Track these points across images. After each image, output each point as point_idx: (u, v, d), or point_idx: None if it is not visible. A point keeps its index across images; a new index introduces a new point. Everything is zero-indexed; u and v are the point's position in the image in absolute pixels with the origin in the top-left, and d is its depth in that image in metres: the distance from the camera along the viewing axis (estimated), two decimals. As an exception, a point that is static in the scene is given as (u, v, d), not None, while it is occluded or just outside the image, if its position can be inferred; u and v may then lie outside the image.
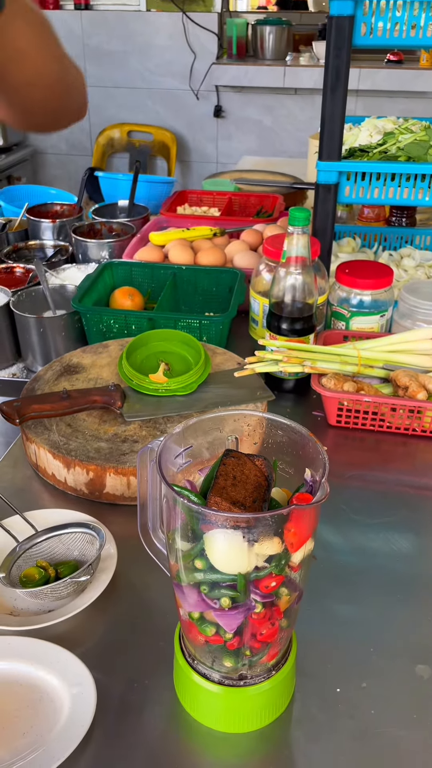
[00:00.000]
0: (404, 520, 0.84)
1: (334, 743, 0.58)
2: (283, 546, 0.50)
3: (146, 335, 1.01)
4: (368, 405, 0.94)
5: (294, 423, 0.57)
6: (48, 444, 0.86)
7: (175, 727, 0.60)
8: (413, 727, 0.59)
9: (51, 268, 1.32)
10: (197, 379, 0.95)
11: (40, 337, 1.13)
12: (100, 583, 0.70)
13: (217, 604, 0.52)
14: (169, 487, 0.50)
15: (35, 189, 1.84)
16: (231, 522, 0.49)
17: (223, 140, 3.35)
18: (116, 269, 1.25)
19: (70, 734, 0.56)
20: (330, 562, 0.77)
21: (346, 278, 1.07)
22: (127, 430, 0.89)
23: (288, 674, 0.59)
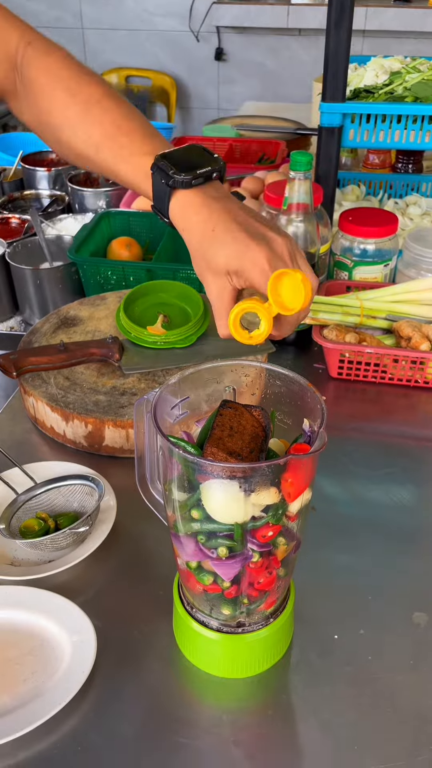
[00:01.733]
0: (405, 471, 0.84)
1: (331, 688, 0.59)
2: (280, 496, 0.50)
3: (144, 287, 0.99)
4: (370, 356, 0.93)
5: (293, 373, 0.55)
6: (46, 397, 0.85)
7: (174, 673, 0.61)
8: (409, 673, 0.60)
9: (47, 218, 1.29)
10: (196, 331, 0.93)
11: (36, 289, 1.12)
12: (99, 533, 0.71)
13: (214, 554, 0.52)
14: (164, 438, 0.49)
15: (30, 137, 1.78)
16: (227, 472, 0.48)
17: (225, 85, 3.23)
18: (113, 219, 1.22)
19: (71, 680, 0.57)
20: (330, 513, 0.77)
21: (349, 226, 1.04)
22: (125, 383, 0.88)
23: (286, 622, 0.60)
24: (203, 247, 0.55)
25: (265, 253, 0.53)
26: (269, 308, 0.53)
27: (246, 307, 0.53)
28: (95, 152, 0.62)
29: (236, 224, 0.54)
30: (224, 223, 0.54)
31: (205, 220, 0.55)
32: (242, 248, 0.53)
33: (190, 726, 0.56)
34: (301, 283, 0.51)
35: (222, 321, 0.56)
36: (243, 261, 0.53)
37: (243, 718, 0.57)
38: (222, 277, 0.55)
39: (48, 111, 0.63)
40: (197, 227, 0.55)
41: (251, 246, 0.53)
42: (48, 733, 0.55)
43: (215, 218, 0.55)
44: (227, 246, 0.54)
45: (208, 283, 0.56)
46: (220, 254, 0.54)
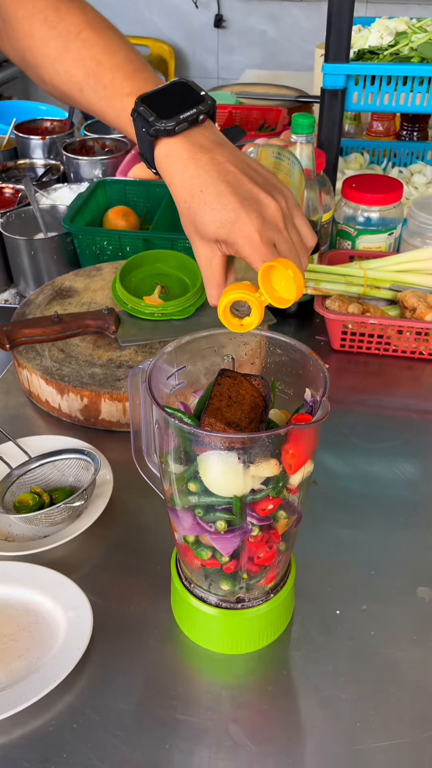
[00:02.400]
0: (408, 444, 0.82)
1: (333, 664, 0.58)
2: (280, 468, 0.48)
3: (141, 256, 0.96)
4: (374, 327, 0.90)
5: (294, 341, 0.53)
6: (40, 370, 0.83)
7: (172, 650, 0.59)
8: (413, 648, 0.59)
9: (41, 188, 1.26)
10: (195, 302, 0.91)
11: (31, 260, 1.09)
12: (95, 508, 0.69)
13: (212, 528, 0.50)
14: (159, 408, 0.47)
15: (24, 105, 1.74)
16: (226, 443, 0.46)
17: (225, 53, 3.15)
18: (109, 188, 1.19)
19: (67, 657, 0.56)
20: (331, 487, 0.75)
21: (352, 193, 1.01)
22: (122, 356, 0.86)
23: (287, 597, 0.58)
24: (191, 210, 0.50)
25: (255, 223, 0.48)
26: (260, 298, 0.48)
27: (236, 297, 0.49)
28: (79, 93, 0.58)
29: (225, 185, 0.49)
30: (213, 184, 0.49)
31: (191, 177, 0.50)
32: (231, 217, 0.48)
33: (189, 703, 0.55)
34: (292, 280, 0.47)
35: (212, 290, 0.53)
36: (232, 232, 0.49)
37: (242, 694, 0.56)
38: (211, 244, 0.51)
39: (28, 48, 0.59)
40: (184, 186, 0.50)
41: (241, 215, 0.48)
42: (43, 710, 0.54)
43: (203, 177, 0.49)
44: (216, 213, 0.49)
45: (196, 246, 0.52)
46: (208, 221, 0.49)
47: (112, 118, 0.56)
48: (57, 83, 0.59)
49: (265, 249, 0.48)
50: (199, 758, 0.52)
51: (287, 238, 0.50)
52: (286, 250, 0.49)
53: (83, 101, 0.58)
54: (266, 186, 0.50)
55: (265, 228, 0.48)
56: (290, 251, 0.49)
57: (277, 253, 0.49)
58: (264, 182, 0.51)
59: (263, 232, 0.48)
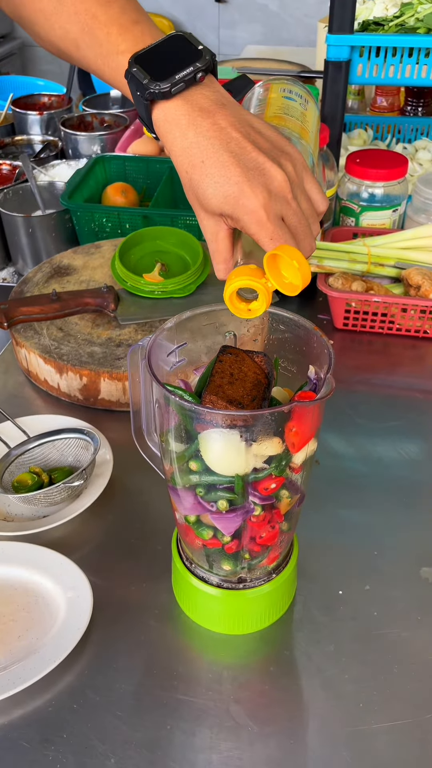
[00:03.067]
0: (411, 424, 0.81)
1: (336, 644, 0.57)
2: (283, 446, 0.47)
3: (141, 233, 0.94)
4: (377, 306, 0.89)
5: (297, 317, 0.52)
6: (39, 348, 0.82)
7: (173, 630, 0.59)
8: (416, 629, 0.58)
9: (39, 164, 1.23)
10: (195, 280, 0.89)
11: (29, 238, 1.07)
12: (95, 488, 0.68)
13: (214, 507, 0.49)
14: (159, 385, 0.46)
15: (21, 80, 1.71)
16: (227, 420, 0.45)
17: (226, 28, 3.09)
18: (108, 164, 1.16)
19: (66, 637, 0.55)
20: (334, 466, 0.74)
21: (356, 168, 0.98)
22: (121, 334, 0.84)
23: (289, 577, 0.58)
24: (193, 181, 0.47)
25: (261, 198, 0.45)
26: (267, 284, 0.46)
27: (242, 284, 0.46)
28: (76, 50, 0.55)
29: (228, 155, 0.46)
30: (215, 153, 0.46)
31: (192, 145, 0.47)
32: (235, 192, 0.46)
33: (190, 683, 0.55)
34: (297, 270, 0.44)
35: (219, 265, 0.50)
36: (236, 208, 0.46)
37: (244, 675, 0.56)
38: (216, 218, 0.48)
39: (21, 3, 0.56)
40: (184, 155, 0.47)
41: (245, 190, 0.45)
42: (43, 691, 0.54)
43: (203, 145, 0.46)
44: (219, 186, 0.46)
45: (200, 219, 0.49)
46: (211, 194, 0.46)
47: (110, 78, 0.53)
48: (53, 39, 0.56)
49: (273, 226, 0.45)
50: (200, 739, 0.51)
51: (296, 209, 0.47)
52: (296, 222, 0.47)
53: (80, 58, 0.55)
54: (272, 152, 0.47)
55: (271, 202, 0.45)
56: (300, 223, 0.47)
57: (285, 228, 0.46)
58: (270, 147, 0.47)
59: (270, 206, 0.45)
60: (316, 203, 0.49)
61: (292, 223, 0.47)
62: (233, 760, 0.50)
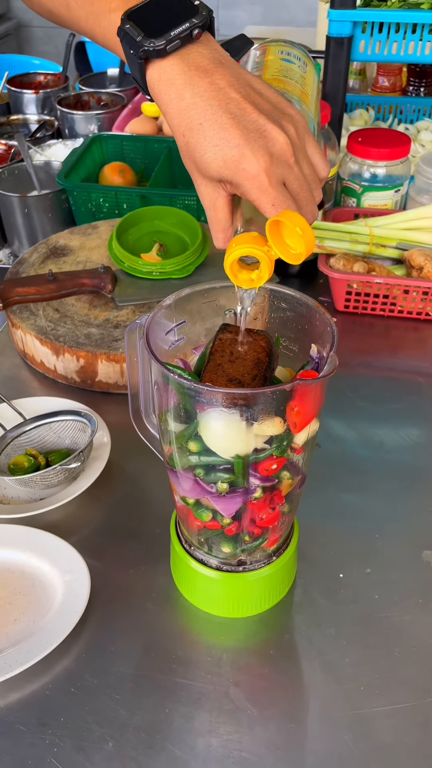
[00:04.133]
0: (413, 407, 0.80)
1: (336, 628, 0.57)
2: (285, 426, 0.46)
3: (138, 213, 0.93)
4: (379, 287, 0.87)
5: (300, 294, 0.50)
6: (35, 330, 0.80)
7: (172, 613, 0.58)
8: (418, 612, 0.58)
9: (35, 144, 1.21)
10: (194, 260, 0.88)
11: (25, 218, 1.05)
12: (93, 471, 0.67)
13: (213, 489, 0.48)
14: (158, 362, 0.45)
15: (17, 59, 1.68)
16: (228, 400, 0.44)
17: (225, 9, 3.04)
18: (106, 143, 1.14)
19: (63, 621, 0.54)
20: (334, 449, 0.73)
21: (358, 148, 0.97)
22: (119, 316, 0.83)
23: (289, 560, 0.57)
24: (190, 145, 0.45)
25: (262, 162, 0.43)
26: (269, 252, 0.44)
27: (243, 252, 0.44)
28: (67, 11, 0.52)
29: (227, 117, 0.43)
30: (213, 115, 0.43)
31: (188, 107, 0.44)
32: (235, 156, 0.43)
33: (189, 666, 0.54)
34: (301, 238, 0.42)
35: (218, 234, 0.48)
36: (237, 173, 0.44)
37: (243, 658, 0.55)
38: (214, 183, 0.46)
39: None
40: (181, 117, 0.45)
41: (246, 154, 0.43)
42: (40, 675, 0.53)
43: (201, 107, 0.44)
44: (218, 150, 0.44)
45: (198, 185, 0.47)
46: (210, 159, 0.44)
47: (102, 38, 0.51)
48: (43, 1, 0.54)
49: (274, 191, 0.43)
50: (199, 722, 0.51)
51: (298, 174, 0.45)
52: (297, 187, 0.45)
53: (72, 20, 0.53)
54: (273, 113, 0.45)
55: (273, 166, 0.43)
56: (302, 188, 0.45)
57: (287, 193, 0.44)
58: (271, 109, 0.45)
59: (271, 171, 0.43)
60: (318, 168, 0.47)
61: (294, 188, 0.45)
62: (233, 743, 0.49)
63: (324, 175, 0.47)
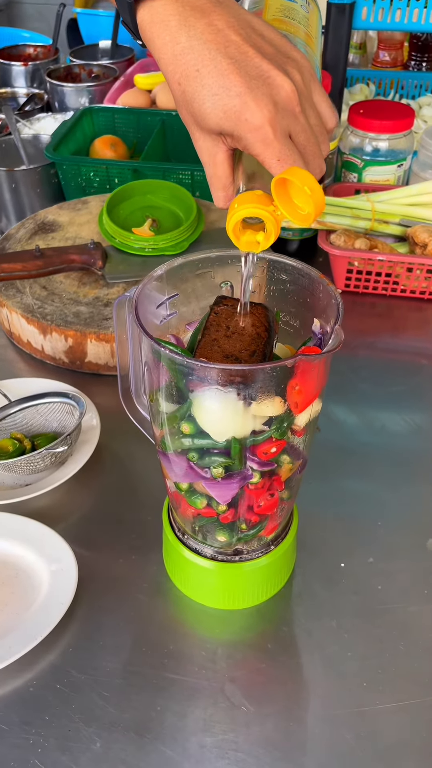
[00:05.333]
0: (416, 390, 0.77)
1: (338, 619, 0.54)
2: (285, 406, 0.42)
3: (130, 186, 0.89)
4: (381, 265, 0.84)
5: (302, 264, 0.47)
6: (21, 308, 0.76)
7: (164, 605, 0.55)
8: (424, 603, 0.55)
9: (24, 117, 1.16)
10: (189, 236, 0.84)
11: (12, 193, 1.01)
12: (81, 455, 0.64)
13: (208, 474, 0.45)
14: (147, 336, 0.41)
15: (5, 31, 1.62)
16: (224, 377, 0.40)
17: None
18: (97, 116, 1.10)
19: (49, 613, 0.51)
20: (335, 433, 0.70)
21: (360, 120, 0.92)
22: (109, 294, 0.79)
23: (288, 549, 0.54)
24: (186, 95, 0.41)
25: (266, 112, 0.39)
26: (276, 212, 0.40)
27: (248, 213, 0.40)
28: None
29: (228, 62, 0.39)
30: (212, 59, 0.39)
31: (184, 51, 0.40)
32: (237, 105, 0.39)
33: (182, 661, 0.51)
34: (309, 198, 0.39)
35: (218, 192, 0.44)
36: (238, 124, 0.39)
37: (240, 652, 0.52)
38: (213, 137, 0.42)
39: None
40: (176, 63, 0.40)
41: (248, 103, 0.39)
42: (23, 670, 0.50)
43: (198, 51, 0.39)
44: (217, 99, 0.39)
45: (195, 139, 0.43)
46: (208, 109, 0.40)
47: None
48: None
49: (279, 144, 0.39)
50: (192, 720, 0.48)
51: (305, 125, 0.41)
52: (304, 139, 0.41)
53: None
54: (277, 57, 0.41)
55: (278, 116, 0.39)
56: (309, 141, 0.41)
57: (293, 146, 0.40)
58: (274, 52, 0.41)
59: (276, 122, 0.39)
60: (326, 118, 0.43)
61: (300, 140, 0.41)
62: (228, 743, 0.47)
63: (332, 125, 0.43)
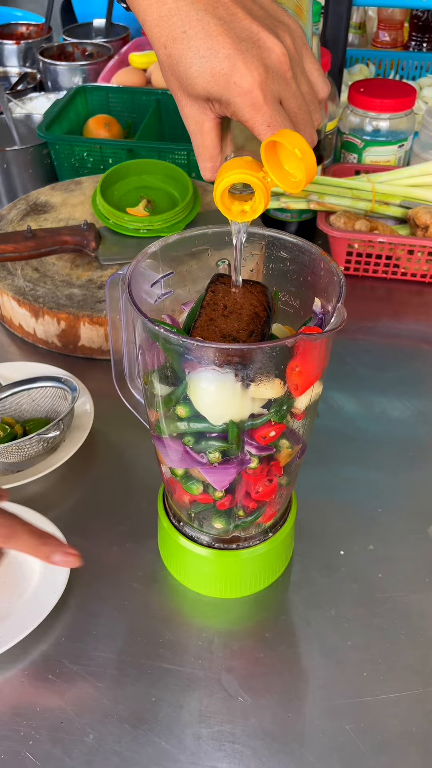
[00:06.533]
0: (417, 375, 0.75)
1: (337, 608, 0.52)
2: (285, 388, 0.41)
3: (125, 166, 0.86)
4: (382, 247, 0.82)
5: (302, 240, 0.45)
6: (12, 290, 0.74)
7: (159, 593, 0.54)
8: (425, 591, 0.53)
9: (16, 97, 1.14)
10: (184, 217, 0.82)
11: (4, 174, 0.98)
12: (74, 441, 0.62)
13: (204, 459, 0.43)
14: (141, 314, 0.40)
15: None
16: (221, 357, 0.39)
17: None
18: (90, 95, 1.07)
19: (41, 602, 0.50)
20: (334, 419, 0.68)
21: (360, 99, 0.90)
22: (103, 276, 0.77)
23: (286, 537, 0.52)
24: (172, 58, 0.38)
25: (256, 75, 0.36)
26: (265, 179, 0.38)
27: (235, 179, 0.38)
28: None
29: (216, 23, 0.37)
30: (199, 21, 0.37)
31: (170, 12, 0.38)
32: (225, 68, 0.37)
33: (177, 651, 0.50)
34: (300, 161, 0.37)
35: (206, 163, 0.41)
36: (227, 88, 0.37)
37: (237, 641, 0.51)
38: (201, 103, 0.39)
39: None
40: (162, 25, 0.38)
41: (237, 65, 0.36)
42: (15, 660, 0.49)
43: (185, 11, 0.37)
44: (204, 62, 0.37)
45: (182, 106, 0.40)
46: (195, 72, 0.37)
47: None
48: None
49: (270, 109, 0.37)
50: (188, 711, 0.46)
51: (296, 91, 0.39)
52: (295, 106, 0.39)
53: None
54: (268, 20, 0.38)
55: (268, 80, 0.37)
56: (300, 108, 0.39)
57: (284, 112, 0.38)
58: (265, 15, 0.39)
59: (266, 86, 0.37)
60: (317, 87, 0.41)
61: (291, 107, 0.39)
62: (225, 734, 0.45)
63: (323, 95, 0.41)
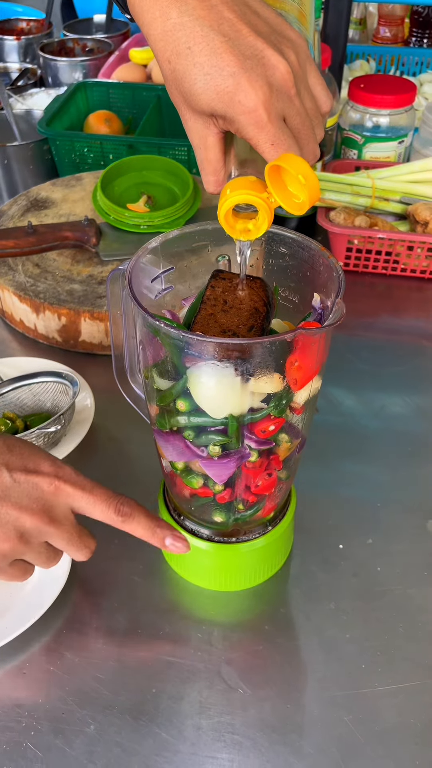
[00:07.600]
0: (416, 371, 0.75)
1: (336, 602, 0.53)
2: (284, 383, 0.41)
3: (125, 162, 0.86)
4: (382, 243, 0.82)
5: (301, 236, 0.45)
6: (13, 286, 0.75)
7: (160, 586, 0.54)
8: (423, 585, 0.54)
9: (16, 92, 1.14)
10: (185, 213, 0.82)
11: (4, 170, 0.98)
12: (75, 436, 0.63)
13: (204, 453, 0.44)
14: (141, 309, 0.40)
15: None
16: (221, 351, 0.39)
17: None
18: (91, 90, 1.07)
19: (42, 594, 0.50)
20: (333, 415, 0.69)
21: (360, 94, 0.90)
22: (104, 272, 0.77)
23: (286, 530, 0.53)
24: (176, 74, 0.39)
25: (261, 94, 0.37)
26: (269, 200, 0.38)
27: (240, 199, 0.38)
28: None
29: (221, 40, 0.37)
30: (204, 37, 0.37)
31: (175, 28, 0.38)
32: (230, 86, 0.37)
33: (178, 643, 0.50)
34: (303, 186, 0.37)
35: (209, 176, 0.42)
36: (231, 106, 0.38)
37: (236, 634, 0.51)
38: (204, 118, 0.40)
39: None
40: (166, 40, 0.38)
41: (242, 84, 0.37)
42: (16, 652, 0.49)
43: (190, 28, 0.37)
44: (209, 79, 0.37)
45: (185, 120, 0.41)
46: (200, 89, 0.38)
47: None
48: None
49: (274, 128, 0.38)
50: (188, 703, 0.47)
51: (299, 108, 0.39)
52: (299, 123, 0.39)
53: None
54: (273, 37, 0.39)
55: (272, 99, 0.37)
56: (303, 124, 0.39)
57: (288, 130, 0.38)
58: (270, 31, 0.39)
59: (270, 104, 0.37)
60: (321, 101, 0.41)
61: (294, 124, 0.39)
62: (224, 726, 0.46)
63: (326, 109, 0.41)
